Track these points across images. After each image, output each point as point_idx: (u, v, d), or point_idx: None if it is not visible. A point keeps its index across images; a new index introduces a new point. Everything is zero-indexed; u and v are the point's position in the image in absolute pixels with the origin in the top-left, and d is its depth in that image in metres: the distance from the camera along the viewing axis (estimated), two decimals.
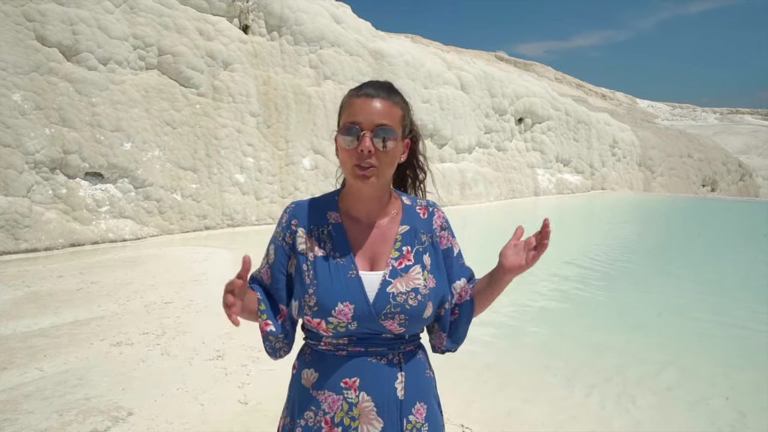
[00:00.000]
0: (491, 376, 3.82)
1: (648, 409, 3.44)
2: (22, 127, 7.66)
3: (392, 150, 1.22)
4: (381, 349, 1.25)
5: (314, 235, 1.29)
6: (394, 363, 1.25)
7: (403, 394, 1.24)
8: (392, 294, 1.22)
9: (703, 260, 9.07)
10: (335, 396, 1.22)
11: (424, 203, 1.39)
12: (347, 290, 1.21)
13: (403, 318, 1.22)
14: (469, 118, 16.09)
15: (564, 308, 5.89)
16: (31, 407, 3.06)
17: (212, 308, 5.03)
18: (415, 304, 1.23)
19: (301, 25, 12.01)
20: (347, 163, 1.22)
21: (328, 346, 1.26)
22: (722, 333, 5.07)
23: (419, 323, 1.26)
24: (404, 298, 1.22)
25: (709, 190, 25.79)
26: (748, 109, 45.96)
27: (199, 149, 9.87)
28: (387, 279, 1.24)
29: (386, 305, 1.21)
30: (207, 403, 3.20)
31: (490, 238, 11.56)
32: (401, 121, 1.26)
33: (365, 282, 1.23)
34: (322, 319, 1.21)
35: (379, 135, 1.20)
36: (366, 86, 1.26)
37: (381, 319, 1.21)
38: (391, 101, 1.24)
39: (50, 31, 8.28)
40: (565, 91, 33.39)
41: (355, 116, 1.21)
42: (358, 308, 1.20)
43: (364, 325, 1.21)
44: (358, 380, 1.22)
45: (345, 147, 1.21)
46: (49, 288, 5.60)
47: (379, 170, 1.21)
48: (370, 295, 1.21)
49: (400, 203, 1.35)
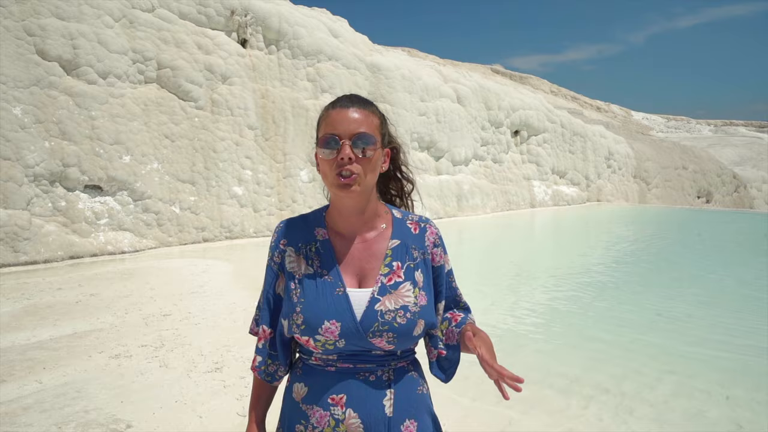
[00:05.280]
0: (489, 387, 3.83)
1: (645, 421, 3.45)
2: (22, 140, 7.70)
3: (372, 157, 1.22)
4: (370, 365, 1.23)
5: (302, 252, 1.29)
6: (383, 380, 1.24)
7: (392, 412, 1.22)
8: (380, 312, 1.20)
9: (700, 271, 9.11)
10: (323, 412, 1.22)
11: (416, 218, 1.36)
12: (334, 308, 1.20)
13: (391, 336, 1.20)
14: (465, 131, 16.20)
15: (561, 320, 5.91)
16: (29, 420, 3.06)
17: (210, 320, 5.04)
18: (404, 322, 1.20)
19: (298, 39, 12.13)
20: (329, 175, 1.22)
21: (318, 362, 1.26)
22: (719, 344, 5.09)
23: (409, 341, 1.24)
24: (392, 315, 1.20)
25: (704, 201, 25.93)
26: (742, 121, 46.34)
27: (198, 162, 9.92)
28: (375, 296, 1.22)
29: (374, 323, 1.19)
30: (205, 415, 3.20)
31: (487, 250, 11.59)
32: (379, 128, 1.26)
33: (353, 299, 1.22)
34: (310, 337, 1.21)
35: (357, 143, 1.20)
36: (340, 99, 1.27)
37: (369, 336, 1.20)
38: (367, 110, 1.25)
39: (50, 45, 8.36)
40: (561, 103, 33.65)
41: (333, 127, 1.21)
42: (344, 326, 1.19)
43: (353, 342, 1.20)
44: (345, 397, 1.21)
45: (325, 158, 1.21)
46: (48, 300, 5.60)
47: (360, 177, 1.20)
48: (358, 313, 1.20)
49: (390, 217, 1.33)
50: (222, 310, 5.42)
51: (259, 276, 1.43)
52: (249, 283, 6.57)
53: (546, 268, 9.07)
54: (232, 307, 5.53)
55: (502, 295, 6.99)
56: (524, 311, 6.06)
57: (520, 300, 6.63)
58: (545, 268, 9.18)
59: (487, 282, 7.82)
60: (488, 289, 7.29)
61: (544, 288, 7.40)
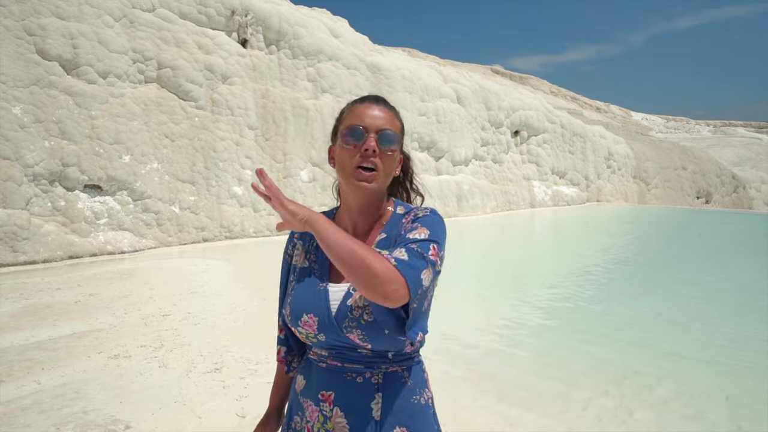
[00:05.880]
0: (489, 389, 3.83)
1: (645, 423, 3.44)
2: (22, 139, 7.69)
3: (394, 155, 1.24)
4: (358, 366, 1.22)
5: (306, 248, 1.34)
6: (371, 383, 1.21)
7: (380, 416, 1.20)
8: (350, 307, 1.18)
9: (700, 272, 9.11)
10: (314, 406, 1.24)
11: (416, 210, 1.29)
12: (312, 302, 1.23)
13: (361, 333, 1.17)
14: (465, 131, 16.20)
15: (560, 321, 5.90)
16: (28, 421, 3.05)
17: (210, 321, 5.03)
18: (371, 320, 1.16)
19: (299, 39, 12.12)
20: (348, 166, 1.21)
21: (314, 356, 1.29)
22: (719, 345, 5.09)
23: (383, 340, 1.18)
24: (360, 312, 1.17)
25: (703, 202, 25.95)
26: (742, 122, 46.36)
27: (198, 162, 9.91)
28: (350, 291, 1.21)
29: (345, 318, 1.18)
30: (205, 416, 3.19)
31: (487, 250, 11.59)
32: (400, 132, 1.29)
33: (331, 294, 1.22)
34: (295, 329, 1.26)
35: (382, 138, 1.22)
36: (367, 97, 1.30)
37: (344, 331, 1.19)
38: (392, 112, 1.28)
39: (50, 45, 8.35)
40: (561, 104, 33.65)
41: (361, 119, 1.23)
42: (321, 320, 1.21)
43: (331, 337, 1.20)
44: (333, 394, 1.22)
45: (347, 147, 1.22)
46: (47, 300, 5.59)
47: (379, 174, 1.21)
48: (333, 307, 1.20)
49: (391, 214, 1.31)
50: (221, 310, 5.41)
51: (259, 276, 1.43)
52: (249, 284, 6.56)
53: (545, 269, 9.06)
54: (232, 307, 5.52)
55: (502, 295, 6.99)
56: (524, 312, 6.05)
57: (519, 300, 6.62)
58: (545, 268, 9.18)
59: (487, 282, 7.82)
60: (488, 290, 7.29)
61: (544, 288, 7.39)
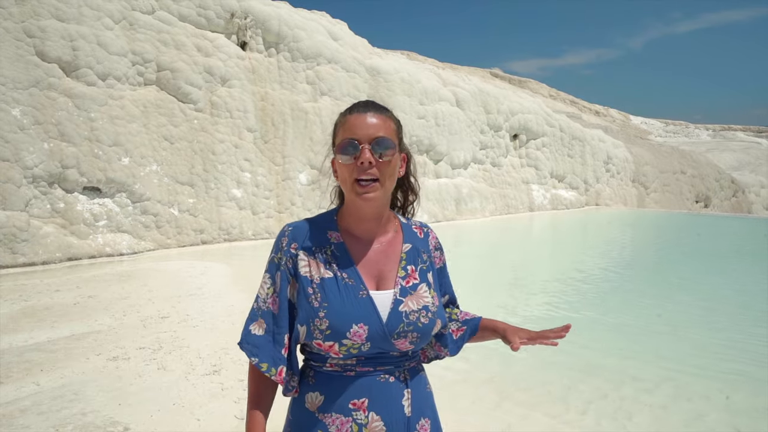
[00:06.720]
0: (488, 391, 3.83)
1: (644, 426, 3.45)
2: (21, 141, 7.69)
3: (391, 161, 1.23)
4: (389, 367, 1.24)
5: (317, 256, 1.25)
6: (400, 380, 1.25)
7: (410, 411, 1.25)
8: (405, 313, 1.22)
9: (698, 276, 9.12)
10: (344, 418, 1.20)
11: (418, 223, 1.40)
12: (361, 311, 1.19)
13: (415, 336, 1.23)
14: (464, 134, 16.23)
15: (559, 324, 5.89)
16: (26, 422, 3.05)
17: (209, 323, 5.03)
18: (427, 322, 1.24)
19: (298, 42, 12.15)
20: (347, 180, 1.22)
21: (334, 368, 1.23)
22: (717, 349, 5.10)
23: (426, 340, 1.28)
24: (416, 316, 1.23)
25: (702, 206, 25.98)
26: (741, 126, 46.47)
27: (197, 164, 9.92)
28: (398, 298, 1.24)
29: (399, 324, 1.21)
30: (203, 418, 3.19)
31: (485, 254, 11.59)
32: (396, 133, 1.27)
33: (377, 302, 1.21)
34: (336, 342, 1.18)
35: (377, 147, 1.21)
36: (356, 105, 1.27)
37: (393, 338, 1.21)
38: (384, 115, 1.26)
39: (50, 47, 8.36)
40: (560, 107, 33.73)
41: (352, 132, 1.22)
42: (372, 329, 1.18)
43: (377, 345, 1.20)
44: (367, 401, 1.21)
45: (345, 163, 1.21)
46: (45, 302, 5.58)
47: (381, 182, 1.21)
48: (383, 315, 1.20)
49: (399, 222, 1.36)
50: (220, 312, 5.41)
51: (258, 278, 1.41)
52: (247, 286, 6.56)
53: (544, 273, 9.07)
54: (231, 309, 5.52)
55: (500, 297, 7.00)
56: (522, 315, 6.06)
57: (517, 304, 6.63)
58: (543, 272, 9.18)
59: (485, 286, 7.83)
60: (486, 293, 7.30)
61: (542, 292, 7.40)
